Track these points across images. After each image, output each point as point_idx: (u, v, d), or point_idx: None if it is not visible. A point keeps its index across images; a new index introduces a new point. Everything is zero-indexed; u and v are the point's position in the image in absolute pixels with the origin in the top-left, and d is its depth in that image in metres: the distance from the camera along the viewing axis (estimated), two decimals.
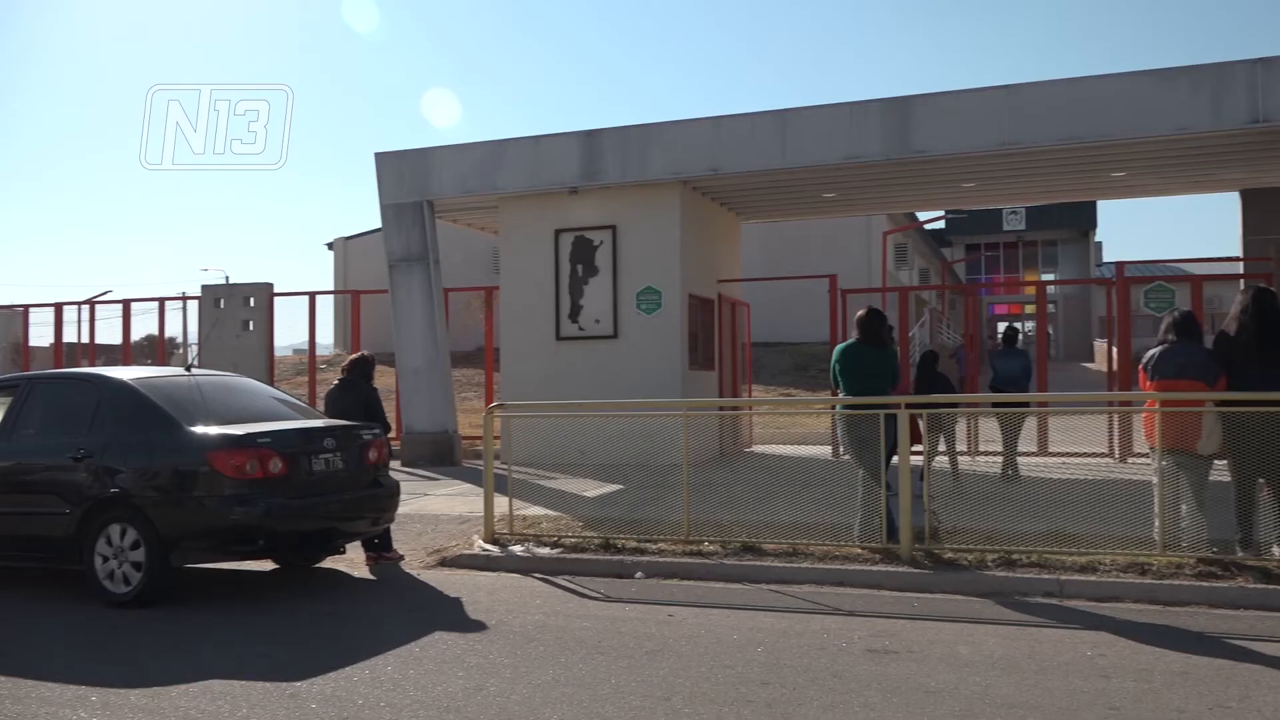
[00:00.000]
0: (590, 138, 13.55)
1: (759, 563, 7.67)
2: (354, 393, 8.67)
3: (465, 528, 9.42)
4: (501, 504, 8.82)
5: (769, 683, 5.08)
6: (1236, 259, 15.26)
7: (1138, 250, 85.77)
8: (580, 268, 13.88)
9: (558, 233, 13.98)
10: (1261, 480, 7.20)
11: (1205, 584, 6.68)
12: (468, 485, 12.27)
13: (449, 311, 15.76)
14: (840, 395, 8.27)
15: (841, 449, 10.47)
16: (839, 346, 8.36)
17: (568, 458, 10.14)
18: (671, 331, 13.49)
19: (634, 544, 8.25)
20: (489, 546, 8.48)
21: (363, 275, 32.29)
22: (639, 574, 7.70)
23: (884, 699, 4.81)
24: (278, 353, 21.17)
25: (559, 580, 7.65)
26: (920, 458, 8.07)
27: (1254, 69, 10.69)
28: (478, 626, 6.30)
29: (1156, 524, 7.23)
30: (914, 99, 12.13)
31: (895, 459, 7.92)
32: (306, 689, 5.06)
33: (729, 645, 5.78)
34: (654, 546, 8.18)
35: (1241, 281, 13.98)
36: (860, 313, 8.28)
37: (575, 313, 13.90)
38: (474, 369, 24.54)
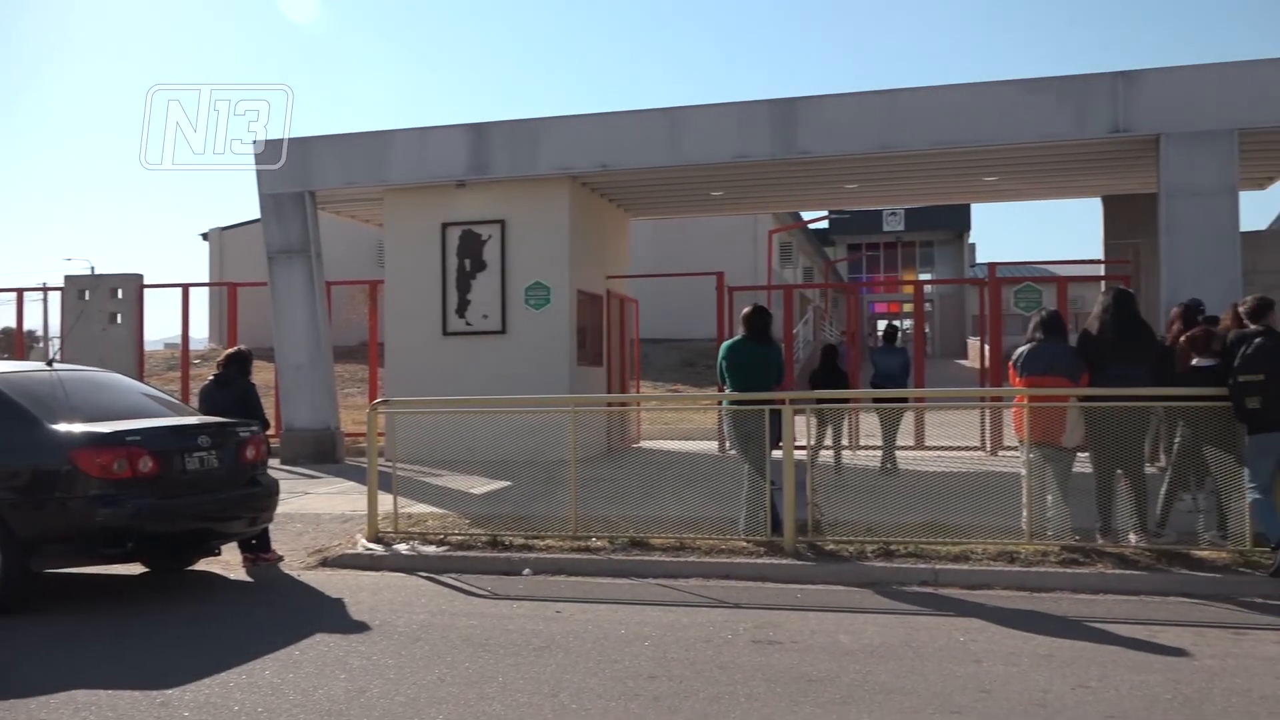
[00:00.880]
0: (479, 130, 13.39)
1: (646, 557, 7.72)
2: (230, 389, 8.37)
3: (348, 527, 9.21)
4: (386, 502, 8.65)
5: (656, 676, 5.12)
6: (1098, 261, 16.05)
7: (1008, 252, 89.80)
8: (468, 262, 13.72)
9: (445, 226, 13.78)
10: (1120, 471, 7.62)
11: (1068, 570, 7.03)
12: (350, 483, 11.99)
13: (331, 306, 15.37)
14: (726, 391, 8.39)
15: (727, 444, 10.63)
16: (726, 343, 8.48)
17: (455, 455, 10.01)
18: (560, 327, 13.46)
19: (522, 541, 8.20)
20: (373, 545, 8.31)
21: (240, 267, 31.17)
22: (527, 571, 7.66)
23: (768, 689, 4.90)
24: (148, 347, 20.31)
25: (445, 579, 7.55)
26: (804, 452, 8.25)
27: (1115, 82, 11.27)
28: (360, 627, 6.16)
29: (1024, 514, 7.57)
30: (799, 101, 12.38)
31: (779, 453, 8.08)
32: (179, 697, 4.86)
33: (616, 640, 5.80)
34: (542, 543, 8.16)
35: (1103, 283, 14.74)
36: (746, 310, 8.41)
37: (463, 308, 13.73)
38: (358, 364, 24.00)
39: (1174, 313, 8.36)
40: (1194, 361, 7.46)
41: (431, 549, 8.16)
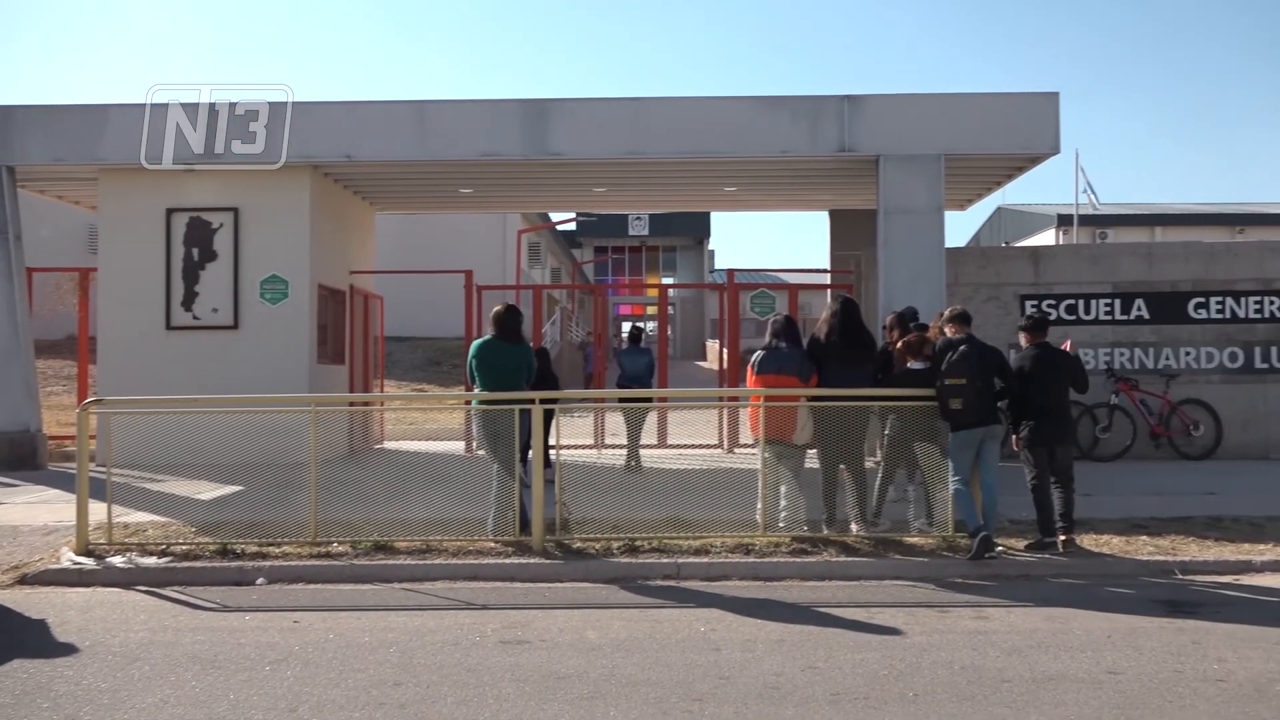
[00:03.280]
0: (211, 111, 12.50)
1: (391, 561, 7.51)
2: None
3: (52, 539, 8.33)
4: (98, 511, 7.91)
5: (402, 683, 4.98)
6: (825, 271, 17.19)
7: (745, 259, 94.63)
8: (196, 252, 12.79)
9: (170, 212, 12.76)
10: (843, 465, 8.23)
11: (798, 560, 7.50)
12: (55, 491, 10.85)
13: (33, 294, 13.86)
14: (476, 390, 8.31)
15: (475, 444, 10.53)
16: (476, 342, 8.39)
17: (180, 458, 9.27)
18: (299, 323, 12.82)
19: (255, 548, 7.75)
20: (82, 559, 7.57)
21: None
22: (261, 580, 7.24)
23: (517, 689, 4.90)
24: None
25: (168, 592, 6.99)
26: (554, 451, 8.31)
27: (843, 104, 12.14)
28: (67, 650, 5.59)
29: (759, 508, 8.00)
30: (551, 102, 12.45)
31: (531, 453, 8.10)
32: None
33: (359, 648, 5.60)
34: (278, 550, 7.74)
35: (829, 291, 15.82)
36: (497, 309, 8.37)
37: (189, 300, 12.77)
38: (64, 360, 21.80)
39: (890, 320, 9.14)
40: (909, 364, 8.17)
41: (152, 560, 7.54)
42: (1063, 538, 7.68)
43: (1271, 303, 13.11)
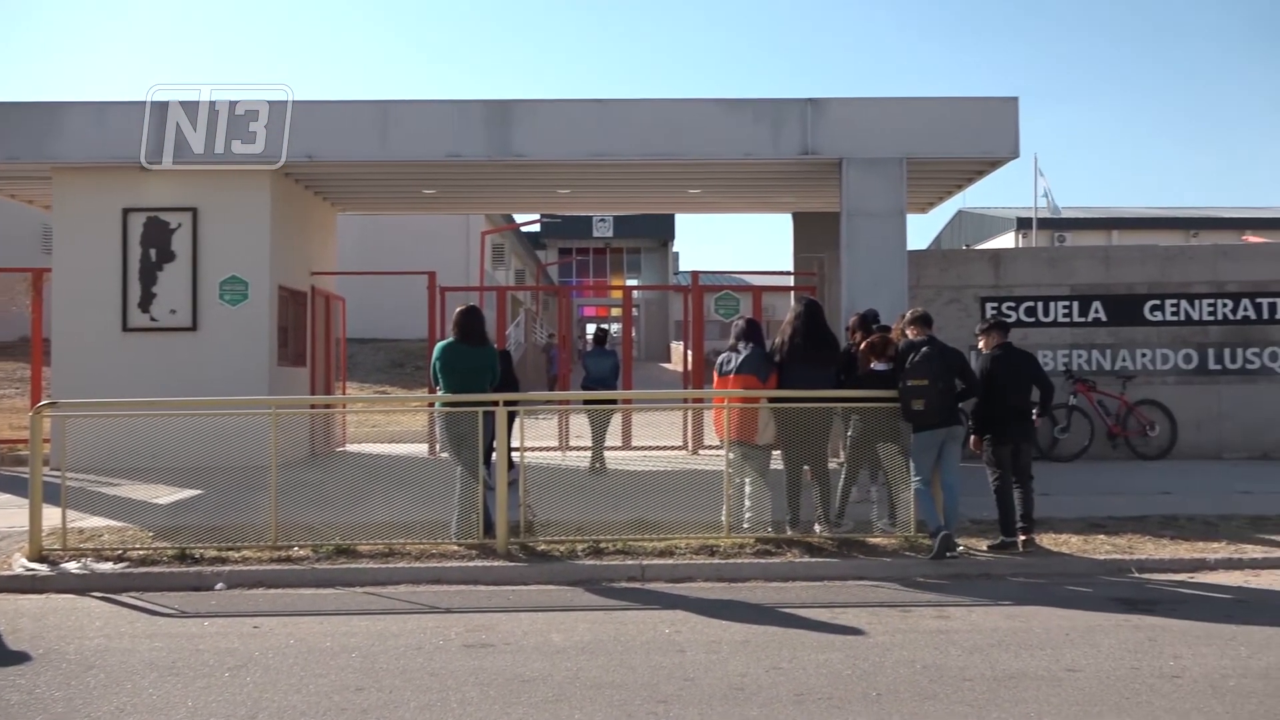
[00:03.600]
0: (168, 109, 12.32)
1: (353, 565, 7.44)
2: None
3: (4, 545, 8.15)
4: (53, 516, 7.76)
5: (364, 688, 4.94)
6: (789, 273, 17.27)
7: (709, 261, 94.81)
8: (154, 252, 12.58)
9: (126, 212, 12.54)
10: (807, 467, 8.27)
11: (762, 561, 7.52)
12: (7, 496, 10.62)
13: None
14: (440, 392, 8.26)
15: (439, 446, 10.46)
16: (439, 344, 8.35)
17: (138, 462, 9.13)
18: (259, 325, 12.66)
19: (215, 553, 7.65)
20: (35, 565, 7.42)
21: None
22: (220, 585, 7.15)
23: (481, 693, 4.87)
24: None
25: (124, 598, 6.88)
26: (518, 453, 8.28)
27: (805, 107, 12.20)
28: (20, 658, 5.48)
29: (724, 509, 8.02)
30: (515, 103, 12.40)
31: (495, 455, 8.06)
32: None
33: (321, 653, 5.54)
34: (238, 555, 7.64)
35: (793, 293, 15.90)
36: (458, 311, 8.33)
37: (147, 302, 12.56)
38: (16, 362, 21.38)
39: (852, 321, 9.21)
40: (873, 365, 8.23)
41: (108, 566, 7.41)
42: (1023, 537, 7.78)
43: (1224, 305, 13.36)
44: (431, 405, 10.19)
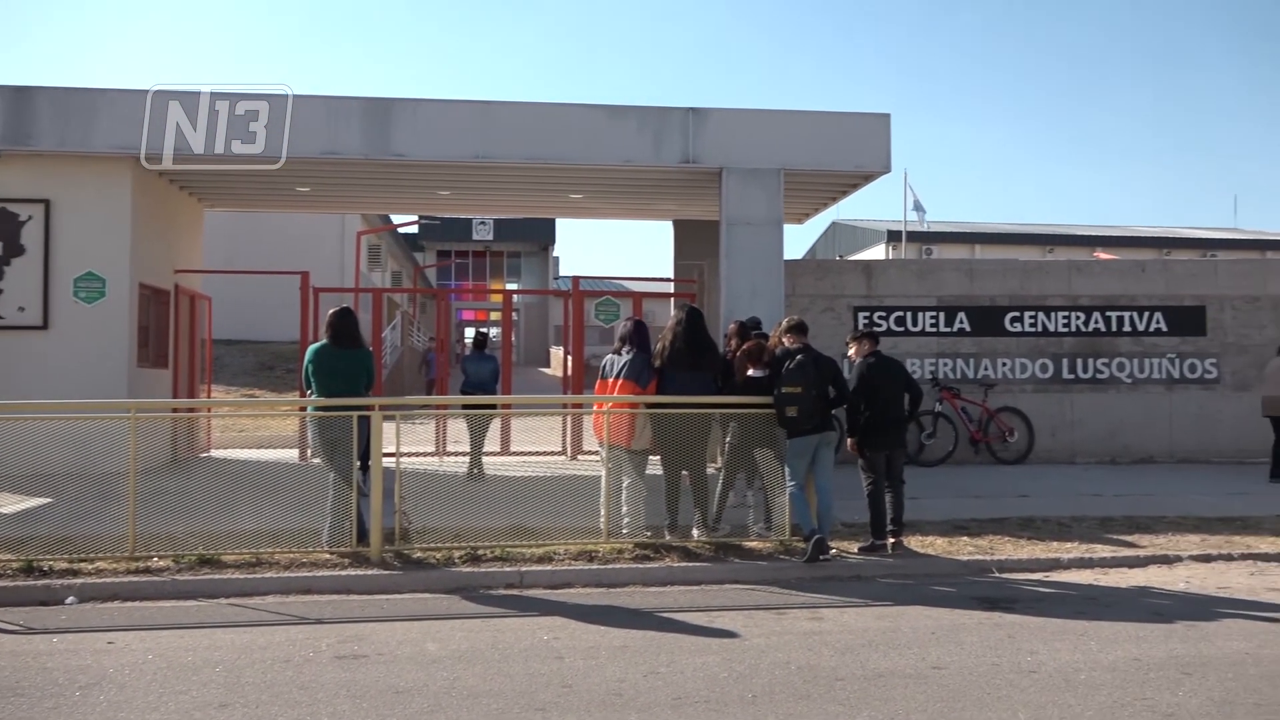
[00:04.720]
0: (20, 94, 11.61)
1: (217, 576, 7.15)
2: None
3: None
4: None
5: (228, 704, 4.74)
6: (669, 280, 17.44)
7: (590, 266, 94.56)
8: (1, 246, 11.85)
9: None
10: (685, 472, 8.35)
11: (640, 566, 7.56)
12: None
13: None
14: (312, 396, 8.01)
15: (310, 451, 10.15)
16: (312, 347, 8.11)
17: None
18: (117, 324, 12.04)
19: (65, 565, 7.23)
20: None
21: None
22: (71, 599, 6.76)
23: (353, 705, 4.73)
24: None
25: None
26: (392, 459, 8.10)
27: (687, 116, 12.34)
28: None
29: (602, 514, 8.03)
30: (396, 102, 12.15)
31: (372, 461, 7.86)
32: None
33: (182, 668, 5.29)
34: (91, 566, 7.25)
35: (673, 300, 16.05)
36: (331, 313, 8.11)
37: None
38: None
39: (731, 329, 9.35)
40: (750, 372, 8.37)
41: None
42: (892, 540, 8.03)
43: (1078, 317, 14.11)
44: (303, 409, 9.88)
